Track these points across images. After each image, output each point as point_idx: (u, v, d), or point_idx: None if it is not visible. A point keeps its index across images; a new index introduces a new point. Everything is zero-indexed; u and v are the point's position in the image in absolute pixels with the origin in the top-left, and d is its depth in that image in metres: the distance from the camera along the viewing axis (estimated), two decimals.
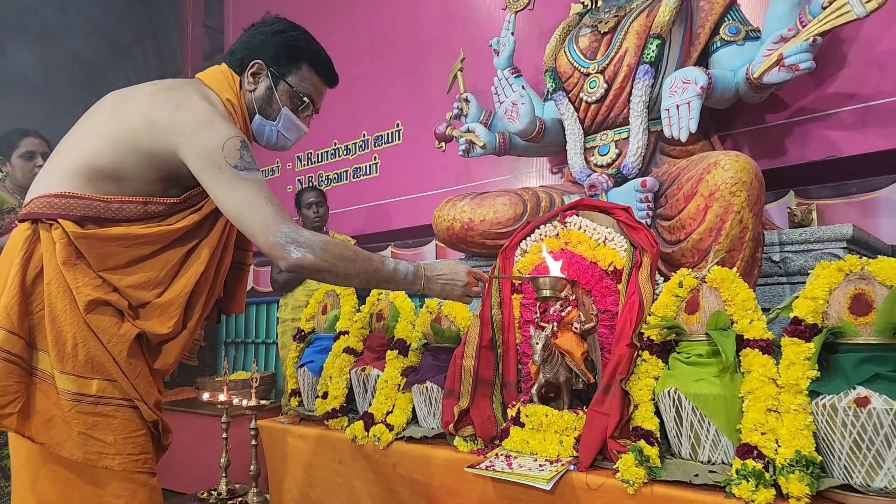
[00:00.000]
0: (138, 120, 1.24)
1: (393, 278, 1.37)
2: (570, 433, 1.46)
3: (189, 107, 1.25)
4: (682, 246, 1.67)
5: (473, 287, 1.47)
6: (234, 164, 1.22)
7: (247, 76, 1.41)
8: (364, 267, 1.31)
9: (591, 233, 1.66)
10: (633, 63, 2.09)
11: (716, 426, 1.30)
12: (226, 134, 1.23)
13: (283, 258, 1.21)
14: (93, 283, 1.19)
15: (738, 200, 1.57)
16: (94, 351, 1.19)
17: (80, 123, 1.31)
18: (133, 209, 1.25)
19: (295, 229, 1.23)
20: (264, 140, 1.48)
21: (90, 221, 1.21)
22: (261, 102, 1.42)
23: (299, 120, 1.47)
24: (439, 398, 1.72)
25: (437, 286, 1.43)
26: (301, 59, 1.43)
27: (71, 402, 1.16)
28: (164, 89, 1.29)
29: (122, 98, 1.31)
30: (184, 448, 3.15)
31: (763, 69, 1.82)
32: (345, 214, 3.80)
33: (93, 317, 1.18)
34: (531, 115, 2.21)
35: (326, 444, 1.87)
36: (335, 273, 1.27)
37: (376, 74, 3.72)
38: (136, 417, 1.24)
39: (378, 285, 1.37)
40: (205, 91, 1.33)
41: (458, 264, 1.47)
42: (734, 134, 2.38)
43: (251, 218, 1.21)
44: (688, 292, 1.45)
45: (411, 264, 1.41)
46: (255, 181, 1.24)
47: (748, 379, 1.29)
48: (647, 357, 1.45)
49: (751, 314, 1.34)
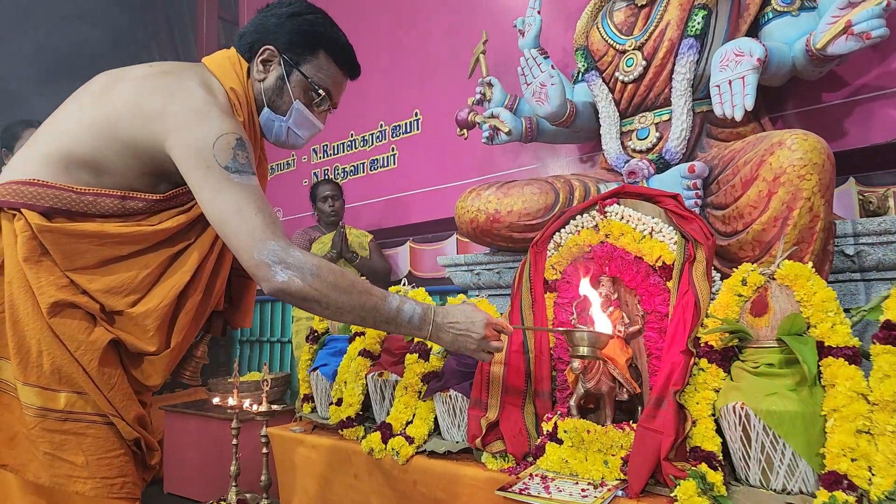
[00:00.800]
0: (123, 105, 1.08)
1: (394, 319, 1.16)
2: (617, 452, 1.28)
3: (183, 94, 1.09)
4: (741, 238, 1.48)
5: (493, 341, 1.24)
6: (225, 164, 1.05)
7: (256, 63, 1.24)
8: (360, 301, 1.11)
9: (636, 223, 1.47)
10: (675, 37, 1.89)
11: (792, 449, 1.11)
12: (220, 129, 1.07)
13: (265, 280, 1.04)
14: (57, 284, 1.03)
15: (808, 185, 1.37)
16: (60, 360, 1.03)
17: (65, 104, 1.15)
18: (109, 203, 1.08)
19: (285, 247, 1.05)
20: (273, 137, 1.31)
21: (59, 214, 1.05)
22: (270, 94, 1.25)
23: (313, 115, 1.30)
24: (464, 408, 1.55)
25: (448, 336, 1.21)
26: (318, 46, 1.25)
27: (36, 417, 1.01)
28: (158, 73, 1.13)
29: (112, 79, 1.15)
30: (196, 453, 3.03)
31: (828, 38, 1.61)
32: (362, 208, 3.64)
33: (58, 321, 1.03)
34: (562, 97, 2.03)
35: (341, 456, 1.70)
36: (325, 304, 1.08)
37: (393, 61, 3.54)
38: (113, 435, 1.08)
39: (375, 325, 1.17)
40: (206, 77, 1.16)
41: (476, 312, 1.23)
42: (786, 115, 2.16)
43: (236, 228, 1.04)
44: (753, 291, 1.25)
45: (420, 305, 1.20)
46: (247, 186, 1.07)
47: (832, 394, 1.10)
48: (706, 366, 1.26)
49: (832, 317, 1.15)
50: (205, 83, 1.14)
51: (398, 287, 1.90)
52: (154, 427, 3.44)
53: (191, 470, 3.03)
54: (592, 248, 1.50)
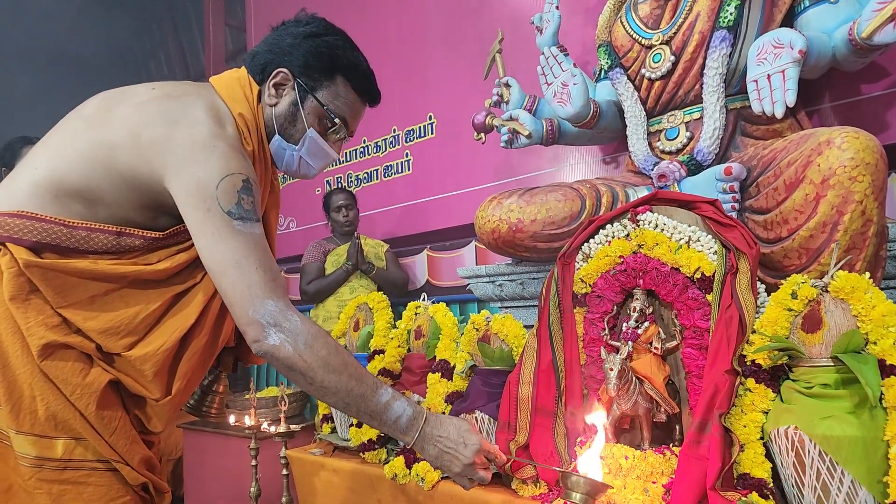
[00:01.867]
0: (121, 131, 1.00)
1: (380, 415, 1.04)
2: (658, 479, 1.20)
3: (187, 124, 1.00)
4: (786, 245, 1.38)
5: (479, 470, 1.08)
6: (228, 209, 0.98)
7: (268, 87, 1.16)
8: (348, 387, 1.00)
9: (671, 232, 1.38)
10: (706, 29, 1.79)
11: (851, 476, 1.02)
12: (226, 168, 0.99)
13: (255, 339, 0.96)
14: (48, 323, 0.96)
15: (861, 187, 1.27)
16: (55, 405, 0.95)
17: (59, 126, 1.07)
18: (103, 239, 1.00)
19: (283, 310, 0.97)
20: (283, 166, 1.23)
21: (48, 249, 0.97)
22: (282, 121, 1.17)
23: (328, 145, 1.21)
24: (491, 430, 1.47)
25: (433, 450, 1.06)
26: (336, 71, 1.17)
27: (32, 468, 0.94)
28: (161, 96, 1.05)
29: (110, 101, 1.06)
30: (217, 470, 2.97)
31: (874, 26, 1.50)
32: (377, 216, 3.56)
33: (50, 364, 0.95)
34: (585, 97, 1.93)
35: (363, 481, 1.63)
36: (310, 380, 0.99)
37: (406, 63, 3.46)
38: (117, 482, 1.01)
39: (357, 415, 1.05)
40: (214, 102, 1.08)
41: (470, 434, 1.08)
42: (823, 109, 2.05)
43: (233, 281, 0.96)
44: (804, 305, 1.16)
45: (412, 408, 1.07)
46: (249, 236, 0.99)
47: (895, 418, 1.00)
48: (753, 386, 1.17)
49: (894, 332, 1.05)
50: (212, 109, 1.06)
51: (417, 303, 1.83)
52: (174, 444, 3.37)
53: (212, 488, 2.98)
54: (625, 259, 1.41)
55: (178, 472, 3.22)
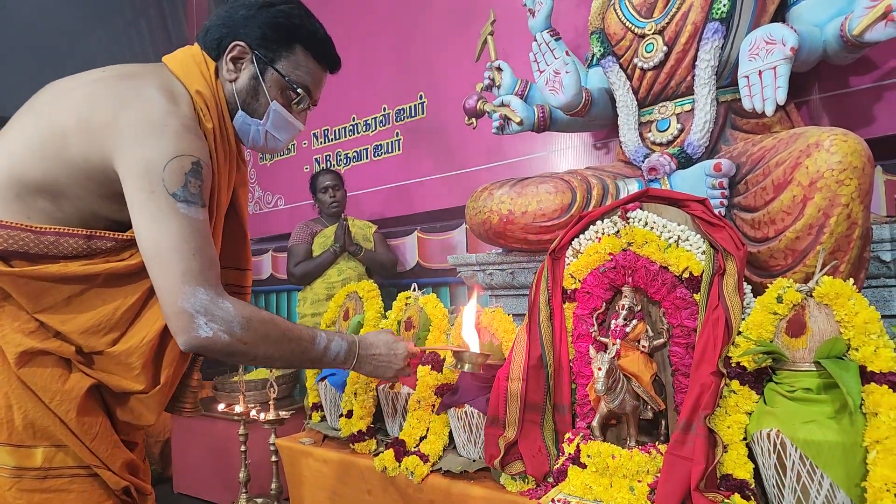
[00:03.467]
0: (70, 118, 0.97)
1: (321, 359, 1.17)
2: (643, 478, 1.22)
3: (138, 102, 0.97)
4: (772, 245, 1.39)
5: (406, 368, 1.31)
6: (174, 190, 0.95)
7: (225, 61, 1.13)
8: (290, 349, 1.09)
9: (661, 231, 1.39)
10: (699, 20, 1.77)
11: (830, 479, 1.05)
12: (175, 148, 0.96)
13: (185, 331, 0.95)
14: (24, 330, 0.95)
15: (847, 191, 1.28)
16: (34, 413, 0.95)
17: (10, 124, 1.03)
18: (72, 244, 0.98)
19: (214, 298, 0.96)
20: (250, 142, 1.20)
21: (17, 257, 0.95)
22: (244, 95, 1.14)
23: (292, 116, 1.19)
24: (480, 424, 1.49)
25: (368, 367, 1.25)
26: (294, 41, 1.14)
27: (11, 478, 0.95)
28: (111, 77, 1.01)
29: (59, 89, 1.03)
30: (204, 453, 3.00)
31: (866, 24, 1.50)
32: (365, 196, 3.54)
33: (28, 371, 0.94)
34: (577, 86, 1.92)
35: (353, 471, 1.65)
36: (252, 357, 1.03)
37: (396, 41, 3.40)
38: (98, 487, 1.01)
39: (302, 365, 1.17)
40: (167, 81, 1.05)
41: (397, 343, 1.28)
42: (811, 100, 2.05)
43: (166, 266, 0.95)
44: (789, 309, 1.18)
45: (346, 341, 1.21)
46: (193, 220, 0.97)
47: (875, 424, 1.03)
48: (738, 388, 1.19)
49: (875, 340, 1.07)
50: (165, 88, 1.02)
51: (408, 293, 1.84)
52: (162, 425, 3.40)
53: (199, 470, 3.01)
54: (614, 256, 1.42)
55: (166, 453, 3.25)
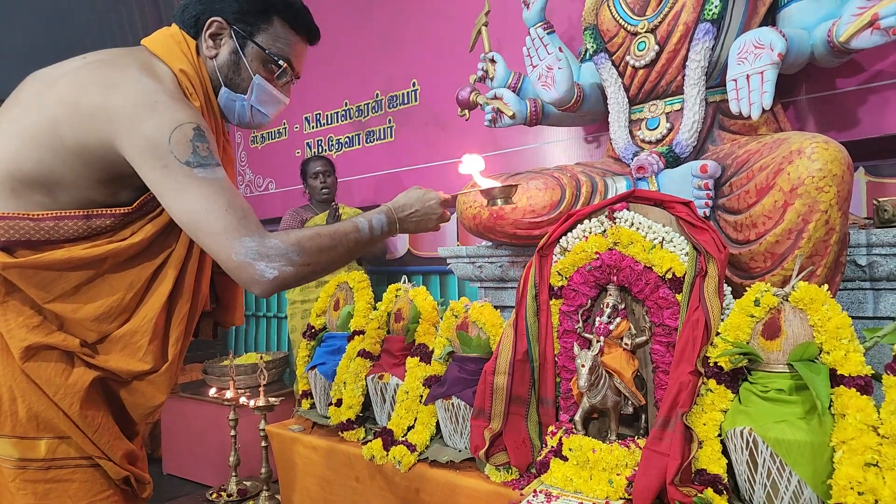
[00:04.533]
0: (59, 107, 0.97)
1: (372, 238, 1.21)
2: (622, 471, 1.27)
3: (126, 85, 0.98)
4: (753, 248, 1.43)
5: (445, 214, 1.39)
6: (186, 159, 0.96)
7: (204, 38, 1.13)
8: (346, 247, 1.13)
9: (646, 231, 1.42)
10: (690, 21, 1.79)
11: (798, 476, 1.10)
12: (173, 119, 0.97)
13: (255, 282, 0.98)
14: (29, 325, 0.97)
15: (826, 197, 1.32)
16: (38, 406, 0.98)
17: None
18: (72, 226, 1.00)
19: (261, 241, 0.98)
20: (236, 118, 1.22)
21: (21, 246, 0.97)
22: (226, 71, 1.15)
23: (276, 90, 1.20)
24: (467, 416, 1.53)
25: (411, 225, 1.32)
26: (271, 13, 1.15)
27: (15, 470, 0.97)
28: (93, 63, 1.02)
29: (42, 80, 1.03)
30: (194, 435, 3.03)
31: (852, 31, 1.52)
32: (356, 183, 3.54)
33: (33, 365, 0.97)
34: (569, 82, 1.93)
35: (341, 459, 1.70)
36: (322, 271, 1.08)
37: (389, 26, 3.38)
38: (100, 477, 1.04)
39: (362, 253, 1.25)
40: (149, 62, 1.05)
41: (427, 195, 1.34)
42: (798, 101, 2.08)
43: (207, 229, 0.97)
44: (766, 312, 1.22)
45: (381, 213, 1.25)
46: (213, 180, 0.98)
47: (842, 425, 1.08)
48: (714, 387, 1.24)
49: (846, 344, 1.12)
50: (148, 68, 1.03)
51: (398, 285, 1.87)
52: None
53: (189, 451, 3.05)
54: (600, 255, 1.46)
55: (155, 434, 3.29)
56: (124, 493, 1.10)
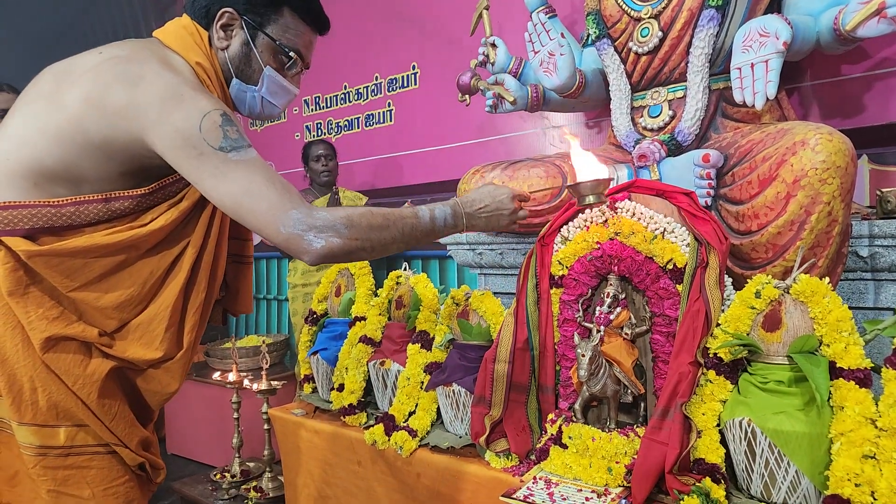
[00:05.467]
0: (83, 105, 0.98)
1: (433, 229, 1.18)
2: (621, 459, 1.29)
3: (149, 80, 0.98)
4: (754, 239, 1.43)
5: (521, 212, 1.35)
6: (219, 145, 0.97)
7: (216, 29, 1.13)
8: (399, 229, 1.11)
9: (647, 222, 1.42)
10: (695, 7, 1.77)
11: (796, 467, 1.12)
12: (201, 109, 0.98)
13: (304, 251, 0.99)
14: (49, 316, 0.98)
15: (830, 189, 1.31)
16: (57, 395, 0.99)
17: (17, 110, 1.04)
18: (92, 210, 1.01)
19: (308, 212, 0.99)
20: (246, 109, 1.22)
21: (44, 233, 0.98)
22: (237, 62, 1.15)
23: (286, 80, 1.20)
24: (467, 403, 1.55)
25: (481, 221, 1.28)
26: (281, 4, 1.15)
27: (35, 457, 0.99)
28: (111, 59, 1.01)
29: (62, 74, 1.03)
30: (197, 415, 3.06)
31: (859, 20, 1.51)
32: (356, 166, 3.53)
33: (52, 356, 0.98)
34: (571, 68, 1.91)
35: (343, 443, 1.72)
36: (370, 248, 1.06)
37: (389, 9, 3.34)
38: (117, 463, 1.07)
39: (419, 242, 1.17)
40: (166, 55, 1.06)
41: (498, 190, 1.31)
42: (802, 87, 2.07)
43: (252, 208, 0.97)
44: (766, 304, 1.23)
45: (446, 205, 1.22)
46: (248, 161, 0.99)
47: (841, 417, 1.09)
48: (714, 377, 1.25)
49: (846, 337, 1.13)
50: (166, 62, 1.04)
51: (399, 272, 1.87)
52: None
53: (192, 432, 3.08)
54: (601, 245, 1.46)
55: (159, 414, 3.32)
56: (139, 479, 1.12)
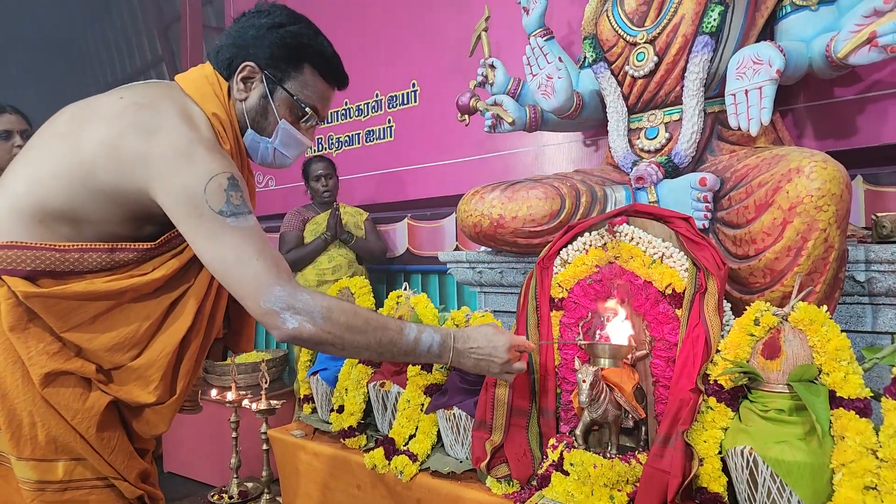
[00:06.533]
0: (98, 150, 0.99)
1: (413, 350, 1.13)
2: (623, 487, 1.29)
3: (165, 132, 1.00)
4: (752, 264, 1.45)
5: (514, 363, 1.22)
6: (220, 209, 0.99)
7: (236, 81, 1.15)
8: (377, 338, 1.08)
9: (646, 247, 1.43)
10: (689, 33, 1.79)
11: (798, 497, 1.12)
12: (210, 170, 0.99)
13: (275, 328, 1.00)
14: (49, 351, 0.99)
15: (825, 216, 1.33)
16: (56, 429, 1.00)
17: (33, 147, 1.06)
18: (96, 258, 1.02)
19: (292, 291, 1.01)
20: (259, 159, 1.23)
21: (45, 276, 0.99)
22: (254, 114, 1.17)
23: (301, 134, 1.21)
24: (468, 427, 1.55)
25: (469, 361, 1.19)
26: (303, 61, 1.16)
27: (33, 491, 0.99)
28: (131, 106, 1.03)
29: (81, 116, 1.05)
30: (195, 433, 3.04)
31: (850, 48, 1.53)
32: (357, 181, 3.54)
33: (52, 390, 0.99)
34: (568, 91, 1.94)
35: (343, 466, 1.71)
36: (340, 346, 1.05)
37: (389, 26, 3.36)
38: (115, 497, 1.06)
39: (393, 358, 1.14)
40: (185, 105, 1.07)
41: (497, 335, 1.20)
42: (797, 109, 2.09)
43: (238, 277, 0.99)
44: (765, 332, 1.23)
45: (439, 333, 1.16)
46: (245, 230, 1.01)
47: (842, 448, 1.10)
48: (715, 405, 1.26)
49: (845, 366, 1.14)
50: (185, 113, 1.05)
51: (399, 292, 1.88)
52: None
53: (190, 450, 3.06)
54: (601, 269, 1.47)
55: None
56: None
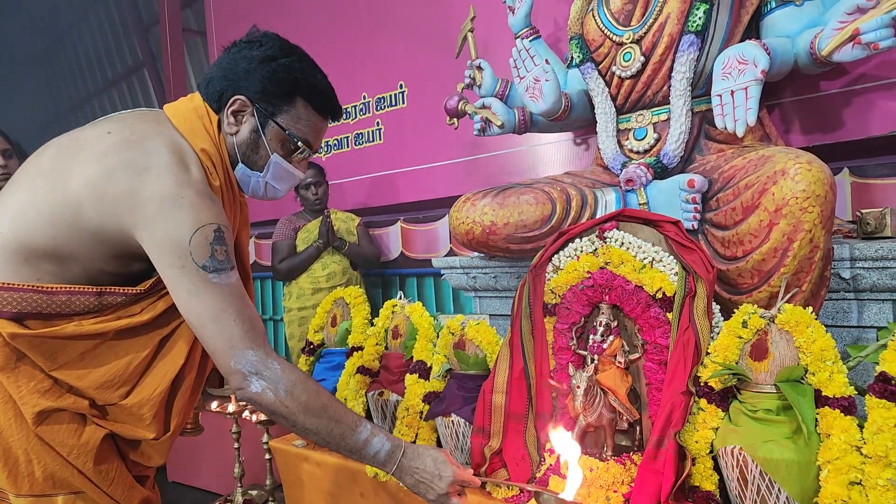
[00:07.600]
0: (84, 189, 0.99)
1: (359, 451, 1.11)
2: (619, 488, 1.32)
3: (152, 175, 0.99)
4: (740, 265, 1.47)
5: (453, 497, 1.15)
6: (203, 263, 0.99)
7: (227, 115, 1.13)
8: (328, 428, 1.07)
9: (636, 251, 1.46)
10: (675, 32, 1.81)
11: (787, 494, 1.15)
12: (196, 220, 0.99)
13: (239, 387, 1.03)
14: (40, 389, 0.99)
15: (810, 217, 1.35)
16: (52, 466, 1.01)
17: (17, 183, 1.04)
18: (84, 301, 1.02)
19: (263, 358, 1.02)
20: (250, 192, 1.23)
21: (31, 318, 0.99)
22: (244, 148, 1.15)
23: (292, 167, 1.20)
24: (466, 433, 1.57)
25: (410, 479, 1.15)
26: (295, 94, 1.14)
27: None
28: (119, 144, 1.01)
29: (66, 152, 1.03)
30: (197, 443, 3.05)
31: (833, 46, 1.55)
32: (348, 185, 3.55)
33: (45, 428, 0.99)
34: (556, 93, 1.95)
35: (346, 474, 1.74)
36: (291, 422, 1.06)
37: (376, 27, 3.35)
38: None
39: (338, 450, 1.12)
40: (175, 140, 1.06)
41: (446, 465, 1.15)
42: (783, 104, 2.11)
43: (214, 335, 1.01)
44: (753, 334, 1.26)
45: (390, 442, 1.14)
46: (225, 287, 1.01)
47: (828, 445, 1.13)
48: (705, 406, 1.29)
49: (830, 366, 1.17)
50: (174, 151, 1.03)
51: (394, 301, 1.90)
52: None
53: (194, 459, 3.08)
54: (592, 274, 1.49)
55: None
56: None
